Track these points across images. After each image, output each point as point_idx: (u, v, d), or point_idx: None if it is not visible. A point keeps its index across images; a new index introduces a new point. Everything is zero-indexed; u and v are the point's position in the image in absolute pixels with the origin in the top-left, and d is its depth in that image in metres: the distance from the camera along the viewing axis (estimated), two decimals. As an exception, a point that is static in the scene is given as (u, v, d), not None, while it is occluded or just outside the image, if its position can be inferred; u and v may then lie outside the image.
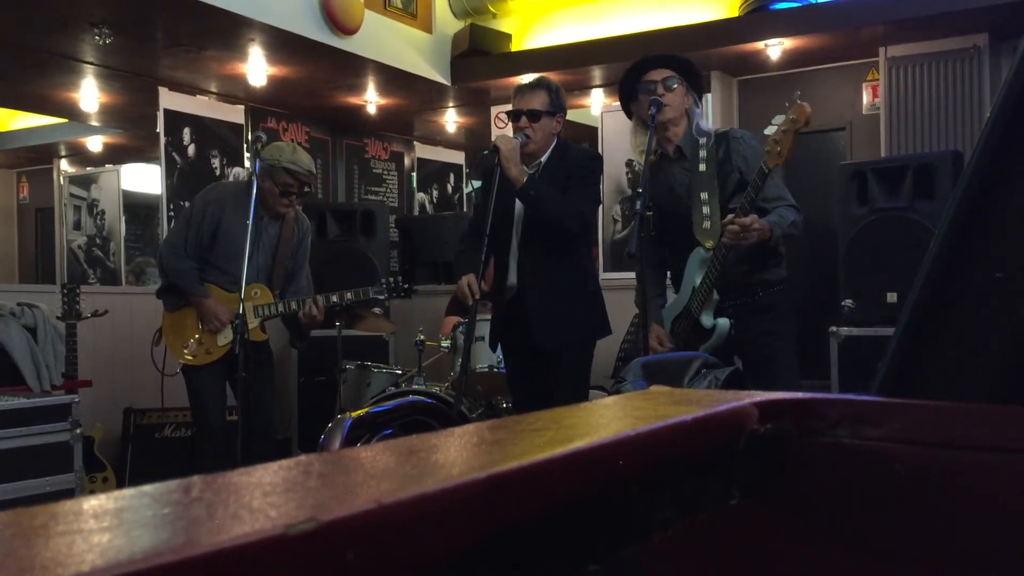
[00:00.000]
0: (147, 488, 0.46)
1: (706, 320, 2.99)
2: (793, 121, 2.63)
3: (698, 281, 2.99)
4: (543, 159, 3.49)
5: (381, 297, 4.18)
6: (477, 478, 0.48)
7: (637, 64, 3.17)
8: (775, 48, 5.52)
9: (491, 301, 3.71)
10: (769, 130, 2.74)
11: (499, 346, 3.77)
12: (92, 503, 0.43)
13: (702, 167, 2.96)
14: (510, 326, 3.56)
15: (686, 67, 3.14)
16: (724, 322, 2.97)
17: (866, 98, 5.90)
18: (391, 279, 4.22)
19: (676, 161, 3.12)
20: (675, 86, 3.08)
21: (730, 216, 2.79)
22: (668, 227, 3.11)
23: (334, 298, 4.01)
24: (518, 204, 3.46)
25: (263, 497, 0.44)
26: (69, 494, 4.00)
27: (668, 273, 3.34)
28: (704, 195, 2.95)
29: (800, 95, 2.84)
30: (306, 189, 4.07)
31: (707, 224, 2.93)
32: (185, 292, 3.99)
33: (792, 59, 5.72)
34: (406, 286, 4.19)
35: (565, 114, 3.59)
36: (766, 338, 3.02)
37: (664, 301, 3.27)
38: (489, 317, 3.80)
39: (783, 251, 3.09)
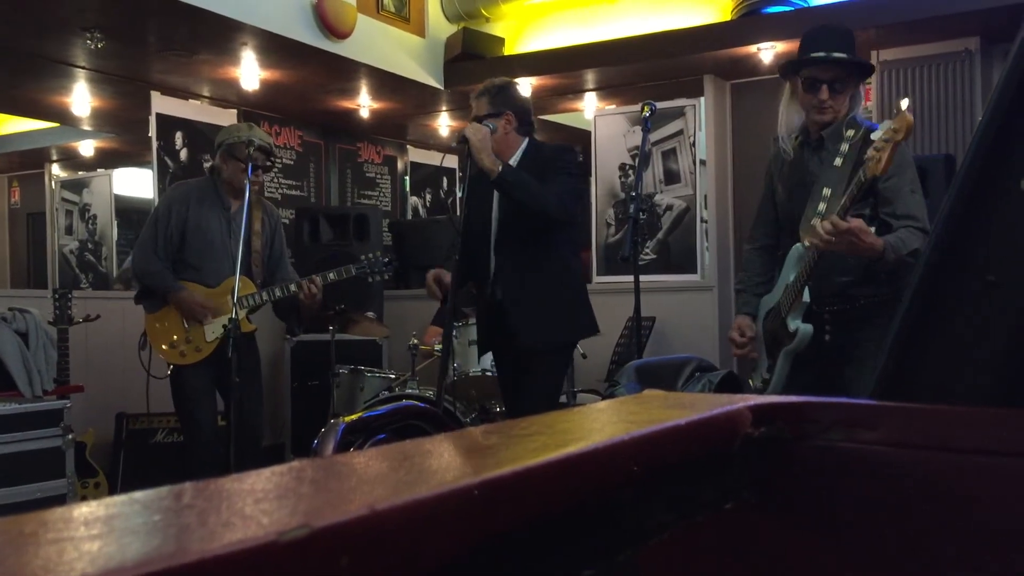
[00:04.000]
0: (138, 495, 0.46)
1: (791, 322, 2.79)
2: (895, 131, 2.45)
3: (791, 279, 2.79)
4: (512, 162, 3.46)
5: (365, 274, 4.20)
6: (471, 483, 0.48)
7: (805, 59, 2.88)
8: (767, 52, 5.54)
9: (472, 304, 3.72)
10: (876, 135, 2.51)
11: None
12: (82, 510, 0.43)
13: (838, 161, 2.67)
14: (494, 328, 3.56)
15: (858, 66, 2.90)
16: (807, 328, 2.76)
17: (861, 101, 5.91)
18: (371, 255, 4.24)
19: (815, 150, 2.89)
20: (844, 90, 2.82)
21: (832, 217, 2.53)
22: (788, 217, 2.91)
23: (317, 279, 4.01)
24: (495, 204, 3.45)
25: (255, 504, 0.44)
26: (61, 500, 3.98)
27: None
28: (826, 191, 2.68)
29: (909, 105, 2.62)
30: (269, 163, 4.09)
31: (815, 221, 2.66)
32: (161, 292, 3.97)
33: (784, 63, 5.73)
34: (386, 260, 4.20)
35: (518, 110, 3.52)
36: (862, 348, 2.76)
37: (766, 290, 3.00)
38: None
39: (899, 268, 2.77)
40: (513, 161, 3.46)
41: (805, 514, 0.72)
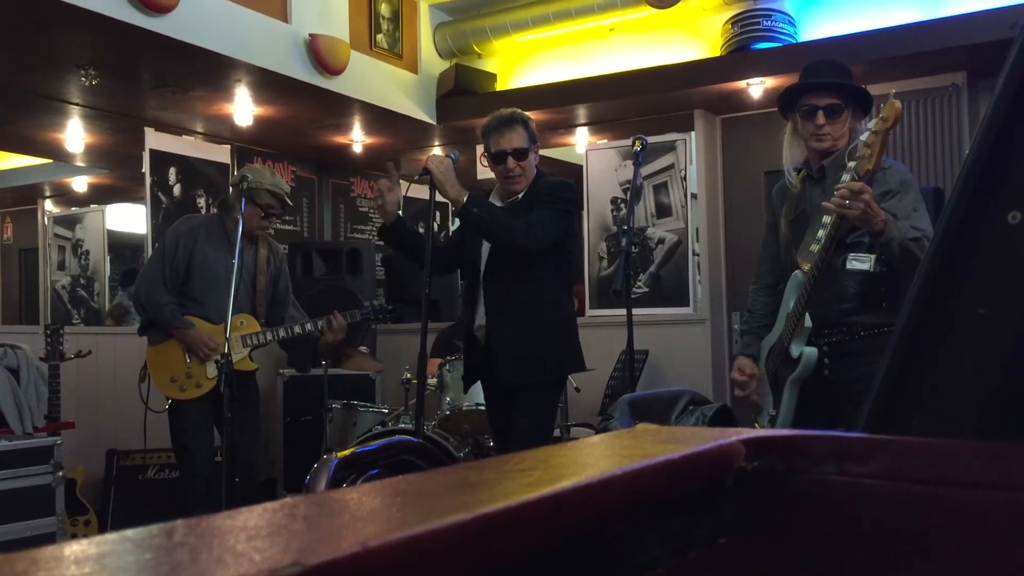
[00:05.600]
0: (129, 533, 0.45)
1: (794, 349, 2.73)
2: (883, 120, 2.46)
3: (791, 306, 2.75)
4: (521, 194, 3.43)
5: (370, 318, 4.21)
6: (464, 519, 0.47)
7: (801, 86, 2.94)
8: (757, 87, 5.59)
9: (461, 338, 3.71)
10: (863, 135, 2.55)
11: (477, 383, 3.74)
12: (73, 548, 0.43)
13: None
14: (478, 363, 3.54)
15: (855, 92, 2.90)
16: (812, 351, 2.72)
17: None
18: (375, 302, 4.25)
19: (817, 182, 2.88)
20: (840, 116, 2.84)
21: (840, 186, 2.51)
22: (789, 250, 2.91)
23: (340, 316, 4.03)
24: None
25: (247, 541, 0.44)
26: (51, 538, 3.94)
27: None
28: (826, 219, 2.63)
29: (894, 93, 2.54)
30: (284, 211, 4.13)
31: (814, 247, 2.65)
32: (167, 326, 3.96)
33: (773, 97, 5.74)
34: (391, 308, 4.20)
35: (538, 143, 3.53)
36: (865, 384, 2.58)
37: (768, 332, 2.97)
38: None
39: (899, 295, 2.73)
40: (522, 193, 3.43)
41: (799, 548, 0.71)
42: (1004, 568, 0.62)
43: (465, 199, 3.24)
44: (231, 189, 4.11)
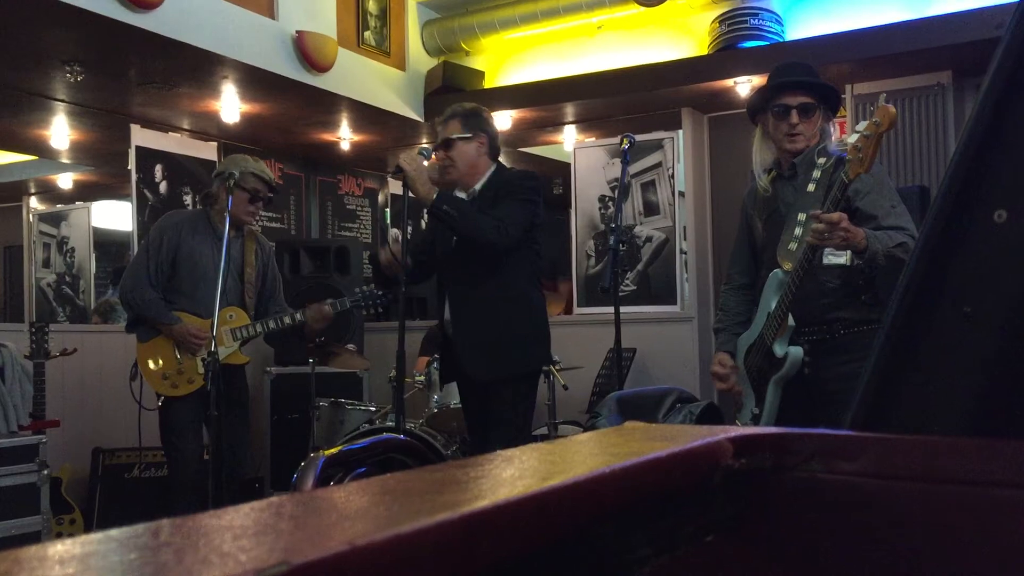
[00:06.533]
0: (114, 532, 0.45)
1: (779, 348, 2.73)
2: (877, 124, 2.40)
3: (773, 306, 2.74)
4: (478, 187, 3.45)
5: (360, 305, 4.20)
6: (452, 518, 0.47)
7: (773, 86, 2.94)
8: (744, 85, 5.60)
9: (440, 334, 3.71)
10: (851, 137, 2.49)
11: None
12: (58, 548, 0.42)
13: (811, 187, 2.67)
14: (450, 360, 3.54)
15: (825, 91, 2.92)
16: (797, 350, 2.71)
17: (833, 135, 5.97)
18: (365, 288, 4.24)
19: (788, 180, 2.91)
20: (813, 115, 2.87)
21: (815, 212, 2.51)
22: (765, 249, 2.93)
23: (327, 306, 4.04)
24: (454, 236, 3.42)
25: (233, 540, 0.43)
26: (36, 537, 3.93)
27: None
28: (801, 216, 2.65)
29: (886, 97, 2.50)
30: (270, 195, 4.12)
31: (793, 245, 2.66)
32: (153, 321, 3.94)
33: (761, 96, 5.80)
34: (380, 294, 4.20)
35: (489, 135, 3.50)
36: (845, 383, 2.60)
37: (744, 329, 2.97)
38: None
39: (881, 293, 2.78)
40: (479, 185, 3.44)
41: (787, 546, 0.72)
42: (990, 564, 0.62)
43: (435, 197, 3.26)
44: (214, 180, 4.08)
